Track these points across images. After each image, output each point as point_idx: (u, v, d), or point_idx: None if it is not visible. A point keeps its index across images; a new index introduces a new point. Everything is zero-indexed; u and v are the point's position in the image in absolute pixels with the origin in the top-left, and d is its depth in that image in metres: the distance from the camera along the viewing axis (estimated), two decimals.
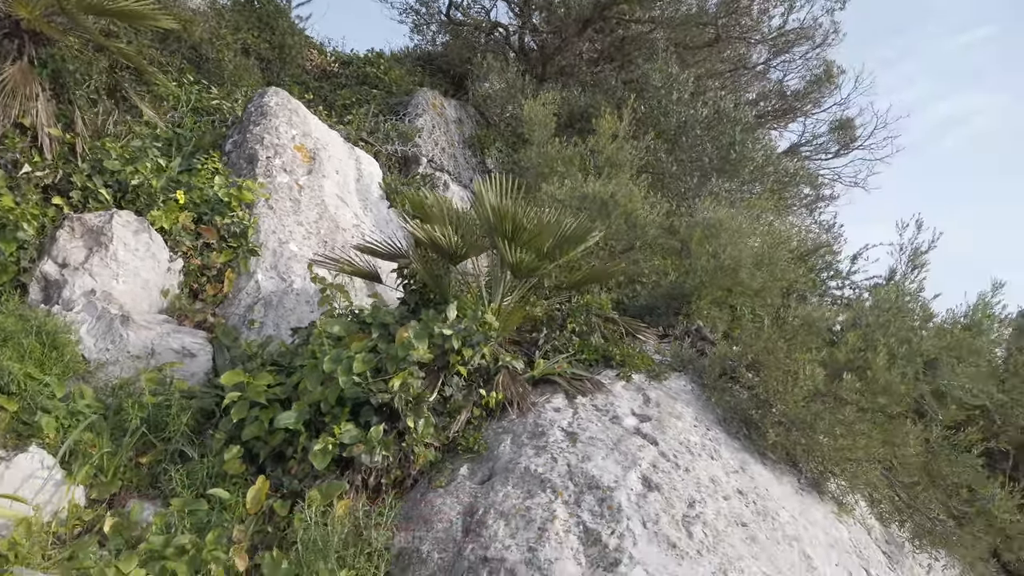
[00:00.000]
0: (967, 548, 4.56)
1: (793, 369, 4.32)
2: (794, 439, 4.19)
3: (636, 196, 6.33)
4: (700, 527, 3.27)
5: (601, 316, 5.04)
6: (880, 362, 5.18)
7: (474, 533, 3.30)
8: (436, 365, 4.21)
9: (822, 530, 3.87)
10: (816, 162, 12.61)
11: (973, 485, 5.24)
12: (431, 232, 4.30)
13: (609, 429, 3.84)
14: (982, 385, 5.60)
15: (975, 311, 6.39)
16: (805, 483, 4.25)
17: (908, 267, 7.17)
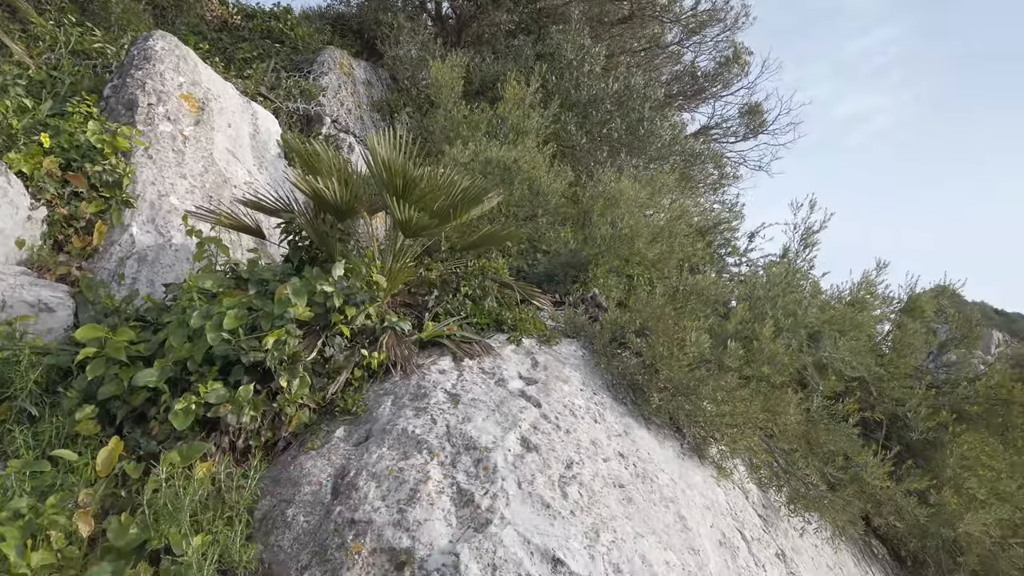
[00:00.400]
0: (838, 512, 4.75)
1: (680, 336, 4.35)
2: (678, 404, 4.23)
3: (540, 164, 6.25)
4: (576, 488, 3.23)
5: (496, 281, 4.95)
6: (766, 333, 5.31)
7: (344, 495, 3.16)
8: (317, 324, 4.01)
9: (700, 493, 3.93)
10: (723, 144, 12.92)
11: (848, 453, 5.47)
12: (314, 184, 4.07)
13: (493, 391, 3.75)
14: (861, 358, 5.84)
15: (859, 288, 6.67)
16: (687, 448, 4.31)
17: (800, 245, 7.40)
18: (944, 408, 5.82)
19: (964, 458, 5.68)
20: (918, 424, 5.77)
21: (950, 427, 5.73)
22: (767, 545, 4.22)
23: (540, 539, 2.90)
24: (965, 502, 5.67)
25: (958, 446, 5.65)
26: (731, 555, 3.70)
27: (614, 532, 3.10)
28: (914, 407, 5.82)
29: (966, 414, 5.95)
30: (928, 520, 5.58)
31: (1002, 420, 5.91)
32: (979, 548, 5.66)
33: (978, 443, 5.77)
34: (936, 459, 5.79)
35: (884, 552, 6.47)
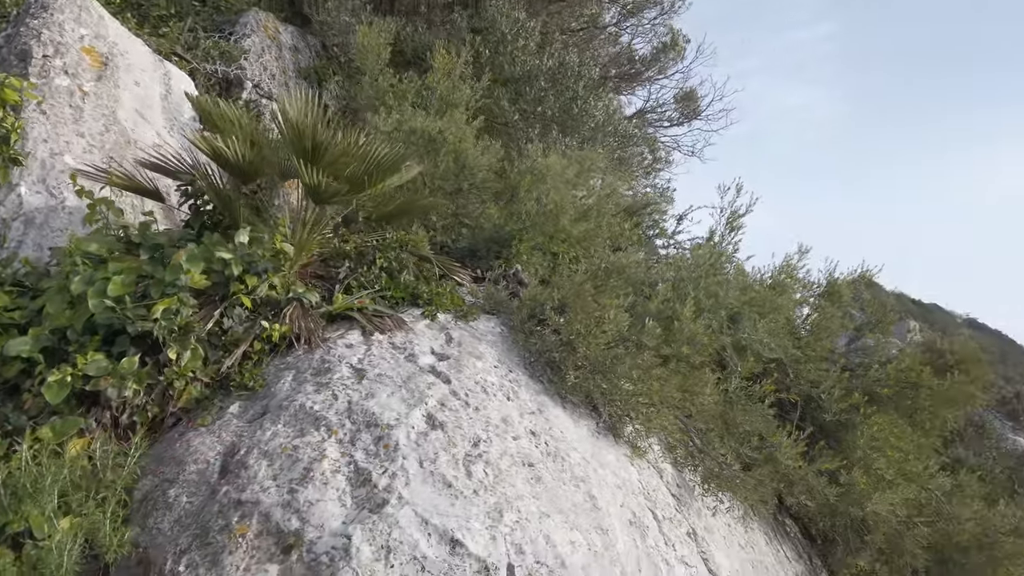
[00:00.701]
0: (750, 491, 4.79)
1: (599, 314, 4.27)
2: (594, 383, 4.16)
3: (468, 136, 6.07)
4: (482, 466, 3.11)
5: (415, 254, 4.77)
6: (687, 313, 5.30)
7: (232, 475, 2.95)
8: (216, 294, 3.76)
9: (612, 472, 3.87)
10: (658, 128, 12.97)
11: (764, 433, 5.53)
12: (213, 143, 3.80)
13: (402, 367, 3.59)
14: (779, 340, 5.91)
15: (780, 272, 6.75)
16: (603, 427, 4.25)
17: (726, 228, 7.44)
18: (857, 390, 5.96)
19: (874, 439, 5.83)
20: (831, 406, 5.88)
21: (862, 409, 5.87)
22: (679, 524, 4.21)
23: (439, 520, 2.77)
24: (873, 482, 5.82)
25: (868, 427, 5.79)
26: (640, 534, 3.65)
27: (519, 512, 2.99)
28: (828, 389, 5.93)
29: (877, 396, 6.11)
30: (837, 500, 5.70)
31: (911, 403, 6.08)
32: (886, 527, 5.83)
33: (887, 425, 5.92)
34: (847, 440, 5.92)
35: (796, 531, 6.62)
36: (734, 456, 5.43)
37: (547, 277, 5.10)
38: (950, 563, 5.93)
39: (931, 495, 6.31)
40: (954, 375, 6.11)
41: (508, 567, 2.77)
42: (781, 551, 5.77)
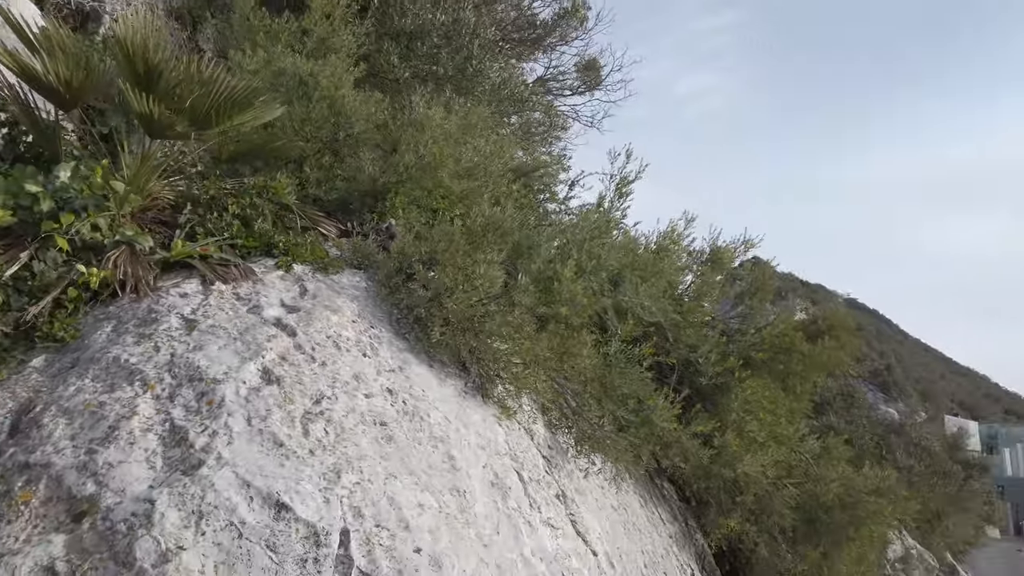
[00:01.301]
0: (622, 453, 4.73)
1: (469, 268, 4.05)
2: (463, 340, 3.94)
3: (345, 82, 5.66)
4: (322, 424, 2.83)
5: (275, 202, 4.38)
6: (567, 274, 5.16)
7: (23, 435, 2.55)
8: (26, 233, 3.27)
9: (476, 433, 3.68)
10: (558, 96, 12.83)
11: (641, 396, 5.50)
12: (21, 60, 3.29)
13: (241, 318, 3.24)
14: (660, 304, 5.88)
15: (664, 237, 6.74)
16: (472, 387, 4.04)
17: (615, 194, 7.38)
18: (733, 355, 6.04)
19: (747, 402, 5.93)
20: (708, 369, 5.94)
21: (736, 373, 5.95)
22: (548, 486, 4.08)
23: (263, 482, 2.48)
24: (746, 444, 5.93)
25: (742, 391, 5.88)
26: (502, 496, 3.48)
27: (360, 473, 2.74)
28: (706, 353, 5.98)
29: (753, 361, 6.22)
30: (711, 462, 5.77)
31: (783, 367, 6.23)
32: (756, 488, 5.96)
33: (760, 388, 6.04)
34: (723, 403, 6.00)
35: (673, 494, 6.70)
36: (611, 419, 5.37)
37: (423, 233, 4.82)
38: (816, 522, 6.14)
39: (800, 457, 6.51)
40: (825, 341, 6.30)
41: (343, 531, 2.52)
42: (656, 513, 5.80)
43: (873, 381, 19.04)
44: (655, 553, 5.16)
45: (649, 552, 5.04)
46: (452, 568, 2.73)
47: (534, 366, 4.63)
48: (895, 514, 6.21)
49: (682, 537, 6.02)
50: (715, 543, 6.53)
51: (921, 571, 15.95)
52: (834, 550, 6.03)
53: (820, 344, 6.26)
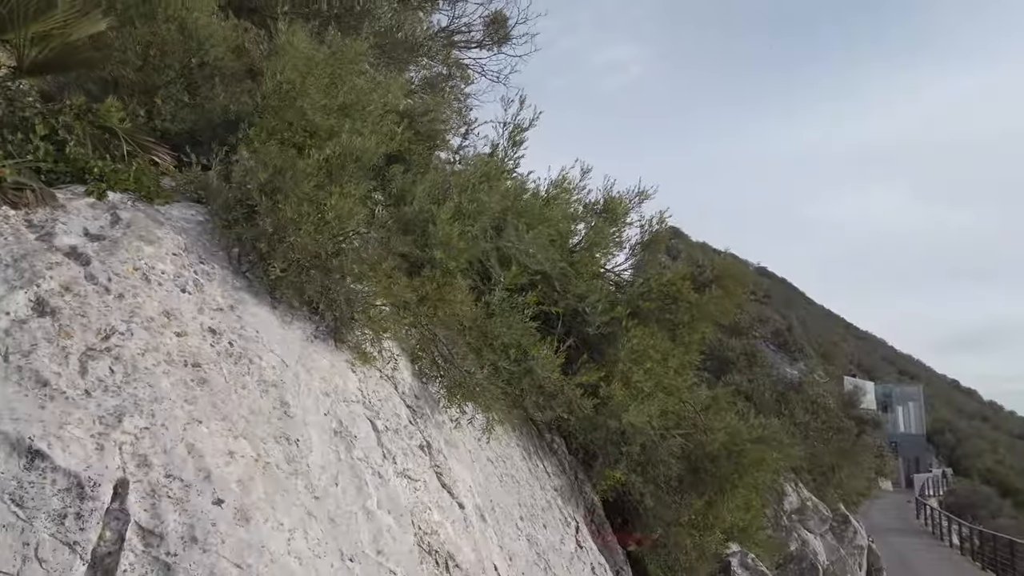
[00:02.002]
0: (495, 401, 4.49)
1: (320, 201, 3.66)
2: (310, 279, 3.57)
3: (202, 5, 5.10)
4: (108, 362, 2.43)
5: (99, 126, 3.85)
6: (444, 215, 4.84)
7: None
8: None
9: (321, 378, 3.33)
10: (463, 49, 12.37)
11: (524, 345, 5.27)
12: None
13: (24, 245, 2.77)
14: (546, 253, 5.64)
15: (555, 186, 6.49)
16: (324, 331, 3.69)
17: (508, 143, 7.08)
18: (621, 304, 5.88)
19: (634, 352, 5.79)
20: (596, 319, 5.76)
21: (624, 322, 5.80)
22: (409, 436, 3.79)
23: (14, 426, 2.07)
24: (633, 394, 5.81)
25: (629, 340, 5.74)
26: (346, 446, 3.17)
27: (152, 417, 2.36)
28: (593, 303, 5.80)
29: (641, 311, 6.08)
30: (596, 412, 5.62)
31: (671, 316, 6.13)
32: (643, 438, 5.86)
33: (648, 337, 5.92)
34: (610, 353, 5.85)
35: (563, 447, 6.56)
36: (492, 369, 5.12)
37: (269, 161, 4.37)
38: (701, 471, 6.12)
39: (688, 408, 6.46)
40: (712, 290, 6.23)
41: (119, 483, 2.15)
42: (541, 466, 5.62)
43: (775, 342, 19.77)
44: (535, 506, 4.98)
45: (528, 505, 4.85)
46: (265, 522, 2.40)
47: (401, 311, 4.30)
48: (779, 461, 6.25)
49: (569, 490, 5.88)
50: (603, 494, 6.45)
51: (816, 521, 16.70)
52: (719, 498, 6.02)
53: (708, 293, 6.18)
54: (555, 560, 4.70)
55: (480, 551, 3.81)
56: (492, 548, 4.03)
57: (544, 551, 4.62)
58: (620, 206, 6.93)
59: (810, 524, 16.41)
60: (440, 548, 3.46)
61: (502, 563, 4.04)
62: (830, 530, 17.01)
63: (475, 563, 3.68)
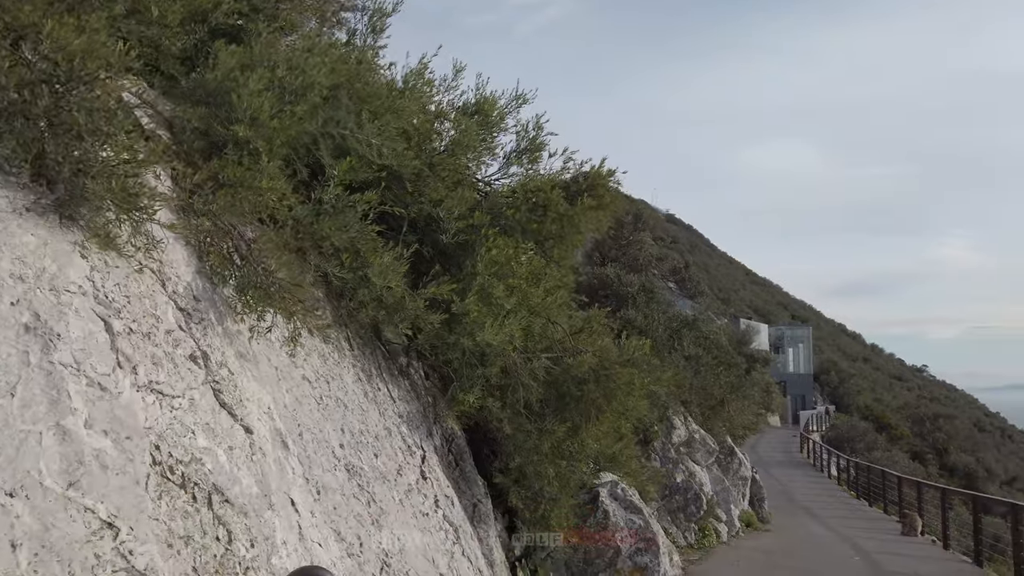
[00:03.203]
0: (307, 309, 3.75)
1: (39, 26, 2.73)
2: (18, 130, 2.67)
3: None
4: None
5: None
6: (252, 85, 3.96)
7: None
8: None
9: (13, 258, 2.49)
10: None
11: (362, 251, 4.53)
12: None
13: None
14: (394, 145, 4.86)
15: (414, 75, 5.68)
16: (51, 204, 2.81)
17: (368, 28, 6.21)
18: (482, 210, 5.19)
19: (494, 263, 5.15)
20: (451, 225, 5.06)
21: (484, 230, 5.13)
22: (174, 344, 3.01)
23: None
24: (493, 312, 5.19)
25: (489, 251, 5.09)
26: (42, 346, 2.36)
27: None
28: (449, 207, 5.08)
29: (506, 219, 5.42)
30: (447, 330, 4.99)
31: (538, 226, 5.50)
32: (503, 360, 5.28)
33: (511, 248, 5.28)
34: (468, 266, 5.19)
35: (420, 370, 5.93)
36: (318, 276, 4.36)
37: None
38: (567, 396, 5.62)
39: (558, 329, 5.92)
40: (584, 199, 5.63)
41: None
42: (385, 390, 4.96)
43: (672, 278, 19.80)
44: (366, 433, 4.32)
45: (356, 431, 4.18)
46: None
47: (188, 193, 3.46)
48: (649, 384, 5.83)
49: (419, 417, 5.26)
50: (462, 422, 5.89)
51: (703, 453, 17.01)
52: (585, 424, 5.56)
53: (580, 203, 5.58)
54: (383, 492, 4.08)
55: (269, 483, 3.13)
56: (292, 480, 3.35)
57: (369, 482, 3.99)
58: (493, 108, 6.17)
59: (697, 456, 16.69)
60: (202, 480, 2.74)
61: (304, 497, 3.37)
62: (716, 462, 17.40)
63: (257, 497, 2.99)
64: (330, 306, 4.65)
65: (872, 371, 76.72)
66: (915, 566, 14.33)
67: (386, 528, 3.91)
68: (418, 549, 4.12)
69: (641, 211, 21.03)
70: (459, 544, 4.62)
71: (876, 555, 14.90)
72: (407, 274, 5.14)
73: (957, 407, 63.83)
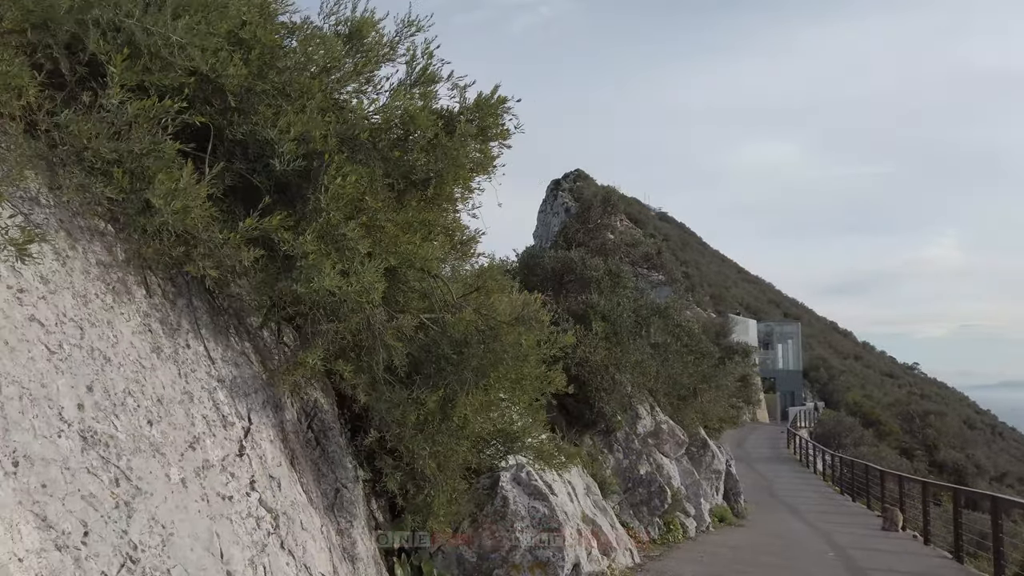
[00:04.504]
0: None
1: None
2: None
3: None
4: None
5: None
6: None
7: None
8: None
9: None
10: None
11: (150, 169, 3.63)
12: None
13: None
14: (208, 42, 3.95)
15: None
16: None
17: None
18: (327, 130, 4.27)
19: (342, 197, 4.24)
20: (287, 147, 4.14)
21: (330, 156, 4.21)
22: None
23: None
24: (343, 256, 4.30)
25: (333, 178, 4.17)
26: None
27: None
28: (284, 126, 4.17)
29: (360, 145, 4.50)
30: (276, 275, 4.09)
31: (402, 155, 4.59)
32: (357, 316, 4.37)
33: (368, 179, 4.38)
34: (312, 200, 4.28)
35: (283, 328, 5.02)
36: (83, 197, 3.46)
37: None
38: (442, 360, 4.72)
39: (438, 284, 5.03)
40: (463, 126, 4.72)
41: None
42: (199, 348, 4.04)
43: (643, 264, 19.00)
44: (144, 395, 3.40)
45: (118, 391, 3.26)
46: None
47: None
48: (543, 348, 4.93)
49: (256, 383, 4.35)
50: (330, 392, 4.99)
51: (672, 445, 16.14)
52: (463, 394, 4.66)
53: (459, 130, 4.67)
54: (148, 468, 3.17)
55: None
56: None
57: (123, 455, 3.07)
58: (371, 28, 5.26)
59: (666, 448, 15.82)
60: None
61: None
62: (686, 454, 16.53)
63: None
64: (124, 243, 3.75)
65: (863, 368, 76.06)
66: (891, 562, 13.48)
67: (142, 513, 3.00)
68: (198, 541, 3.21)
69: (610, 195, 20.14)
70: (276, 535, 3.72)
71: (852, 551, 14.06)
72: (233, 209, 4.25)
73: (947, 404, 63.20)
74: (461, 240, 5.78)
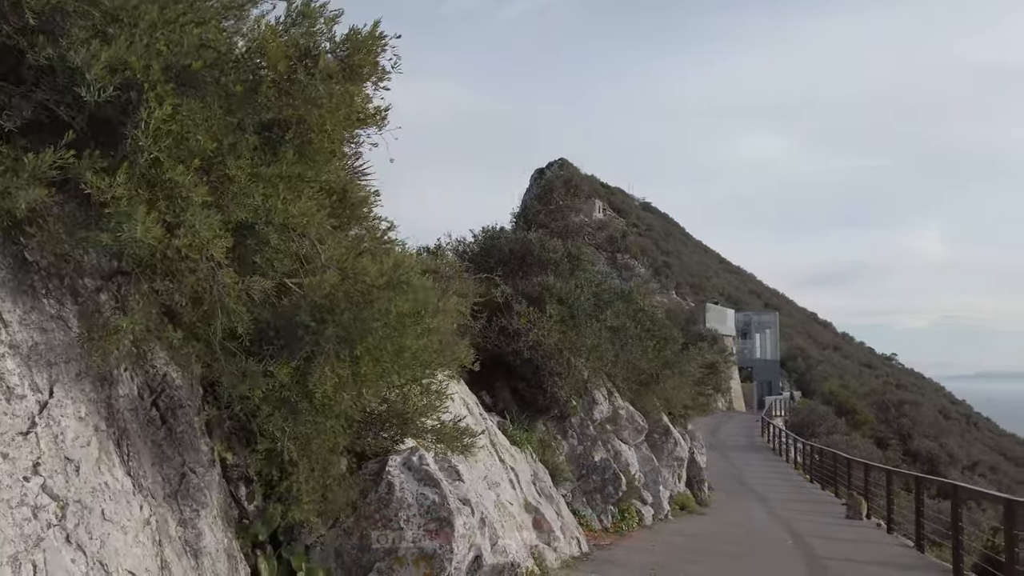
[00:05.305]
0: None
1: None
2: None
3: None
4: None
5: None
6: None
7: None
8: None
9: None
10: None
11: None
12: None
13: None
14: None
15: None
16: None
17: None
18: (153, 63, 3.65)
19: (168, 134, 3.64)
20: (95, 75, 3.52)
21: (148, 85, 3.60)
22: None
23: None
24: (172, 204, 3.70)
25: (153, 113, 3.56)
26: None
27: None
28: (94, 52, 3.54)
29: (197, 80, 3.89)
30: (82, 223, 3.49)
31: (248, 93, 3.98)
32: (193, 276, 3.79)
33: (200, 113, 3.77)
34: (132, 137, 3.67)
35: (127, 292, 4.41)
36: None
37: None
38: (299, 328, 4.14)
39: (304, 244, 4.44)
40: (324, 62, 4.11)
41: None
42: None
43: (608, 248, 18.43)
44: None
45: None
46: None
47: None
48: (420, 319, 4.36)
49: (69, 350, 3.75)
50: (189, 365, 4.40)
51: (631, 431, 15.67)
52: (322, 367, 4.08)
53: (319, 67, 4.07)
54: None
55: None
56: None
57: None
58: None
59: (625, 435, 15.34)
60: None
61: None
62: (647, 441, 16.06)
63: None
64: None
65: (841, 359, 76.23)
66: (850, 551, 13.12)
67: None
68: None
69: (572, 176, 19.57)
70: (60, 526, 3.15)
71: (812, 539, 13.69)
72: (36, 148, 3.62)
73: (923, 394, 63.39)
74: (352, 201, 5.19)
